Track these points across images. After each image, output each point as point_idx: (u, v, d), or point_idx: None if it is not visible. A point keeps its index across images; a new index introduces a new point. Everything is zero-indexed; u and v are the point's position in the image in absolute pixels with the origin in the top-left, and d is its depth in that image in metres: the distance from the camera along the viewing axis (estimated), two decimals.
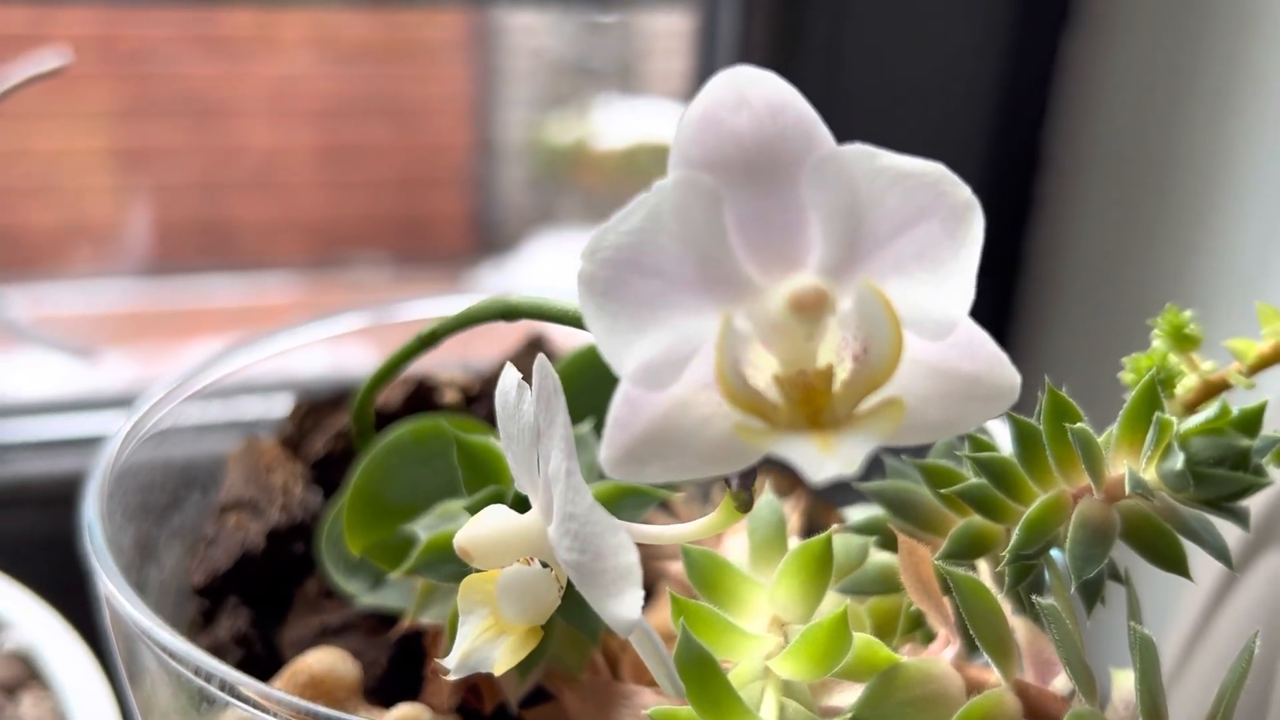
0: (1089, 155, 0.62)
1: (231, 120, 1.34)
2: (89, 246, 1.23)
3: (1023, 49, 0.61)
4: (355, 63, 1.30)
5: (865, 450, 0.20)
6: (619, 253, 0.21)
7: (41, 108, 1.22)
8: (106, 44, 1.24)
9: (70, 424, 0.60)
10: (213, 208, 1.35)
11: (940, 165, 0.22)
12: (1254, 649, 0.25)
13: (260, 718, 0.28)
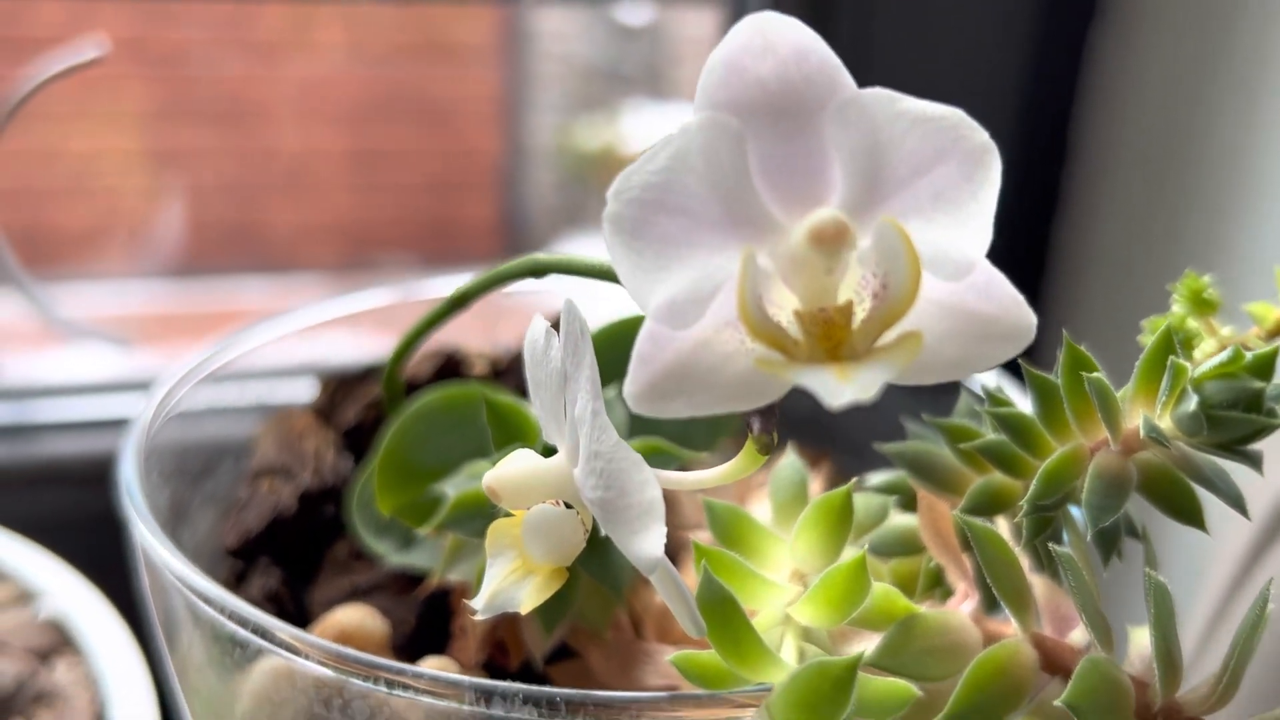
0: (1116, 148, 0.63)
1: (263, 123, 1.36)
2: (121, 247, 1.24)
3: (1049, 42, 0.62)
4: (386, 66, 1.32)
5: (882, 379, 0.21)
6: (645, 192, 0.22)
7: (77, 109, 1.24)
8: (141, 46, 1.26)
9: (104, 406, 0.61)
10: (244, 209, 1.36)
11: (960, 110, 0.23)
12: (1267, 599, 0.26)
13: (293, 662, 0.29)
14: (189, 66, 1.31)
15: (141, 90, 1.28)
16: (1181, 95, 0.60)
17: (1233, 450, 0.24)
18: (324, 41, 1.34)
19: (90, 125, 1.27)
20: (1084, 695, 0.25)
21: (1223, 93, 0.57)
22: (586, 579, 0.33)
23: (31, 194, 1.28)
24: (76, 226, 1.29)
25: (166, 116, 1.30)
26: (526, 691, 0.28)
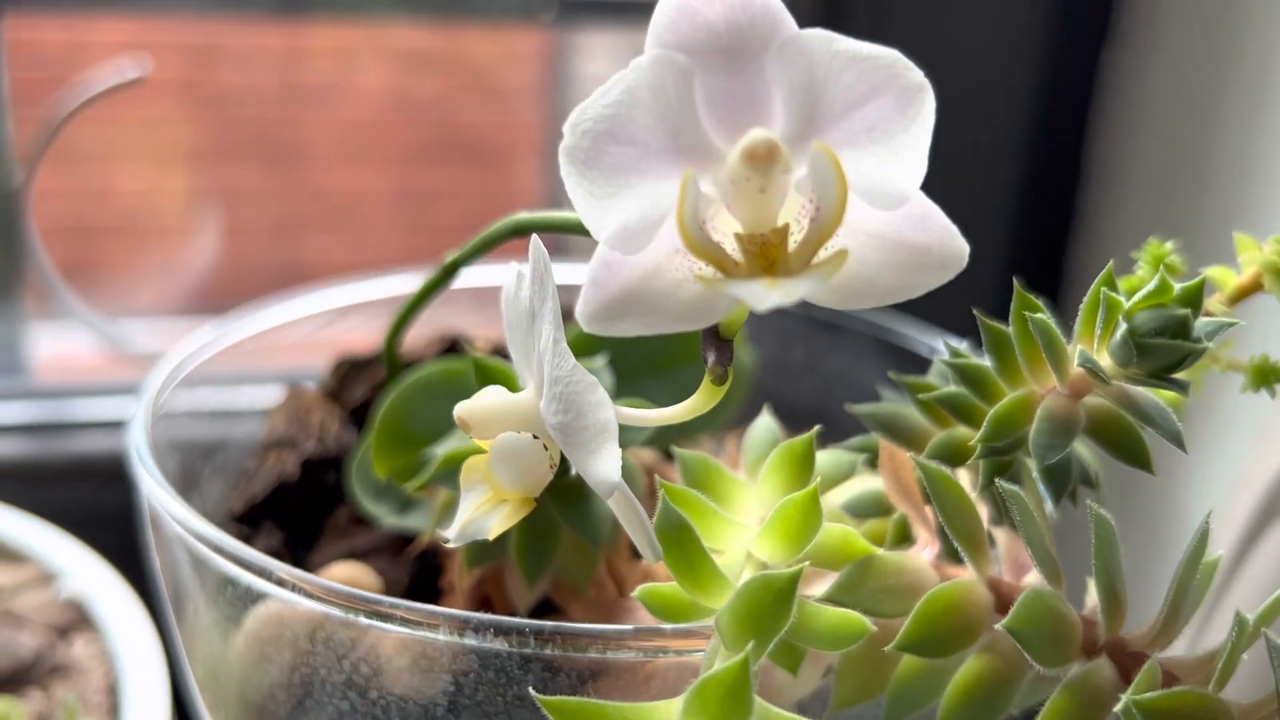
0: (1129, 165, 0.64)
1: (309, 164, 1.40)
2: (168, 284, 1.28)
3: (1063, 62, 0.63)
4: (431, 108, 1.35)
5: (806, 290, 0.22)
6: (598, 124, 0.24)
7: (128, 149, 1.28)
8: (192, 88, 1.31)
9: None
10: (289, 249, 1.40)
11: (895, 51, 0.24)
12: (1207, 531, 0.27)
13: (283, 598, 0.31)
14: (238, 108, 1.35)
15: (191, 131, 1.32)
16: (1194, 114, 0.61)
17: (1164, 379, 0.25)
18: (369, 84, 1.38)
19: (141, 165, 1.31)
20: (1024, 622, 0.26)
21: (1234, 111, 0.59)
22: (568, 535, 0.35)
23: (83, 231, 1.32)
24: (125, 263, 1.33)
25: (215, 156, 1.34)
26: (497, 623, 0.29)
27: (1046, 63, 0.63)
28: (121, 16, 0.98)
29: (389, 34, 1.23)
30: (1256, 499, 0.44)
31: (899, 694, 0.30)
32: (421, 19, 0.71)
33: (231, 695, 0.35)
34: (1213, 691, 0.26)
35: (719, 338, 0.27)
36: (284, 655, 0.32)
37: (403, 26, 1.05)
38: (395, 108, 1.35)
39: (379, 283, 0.47)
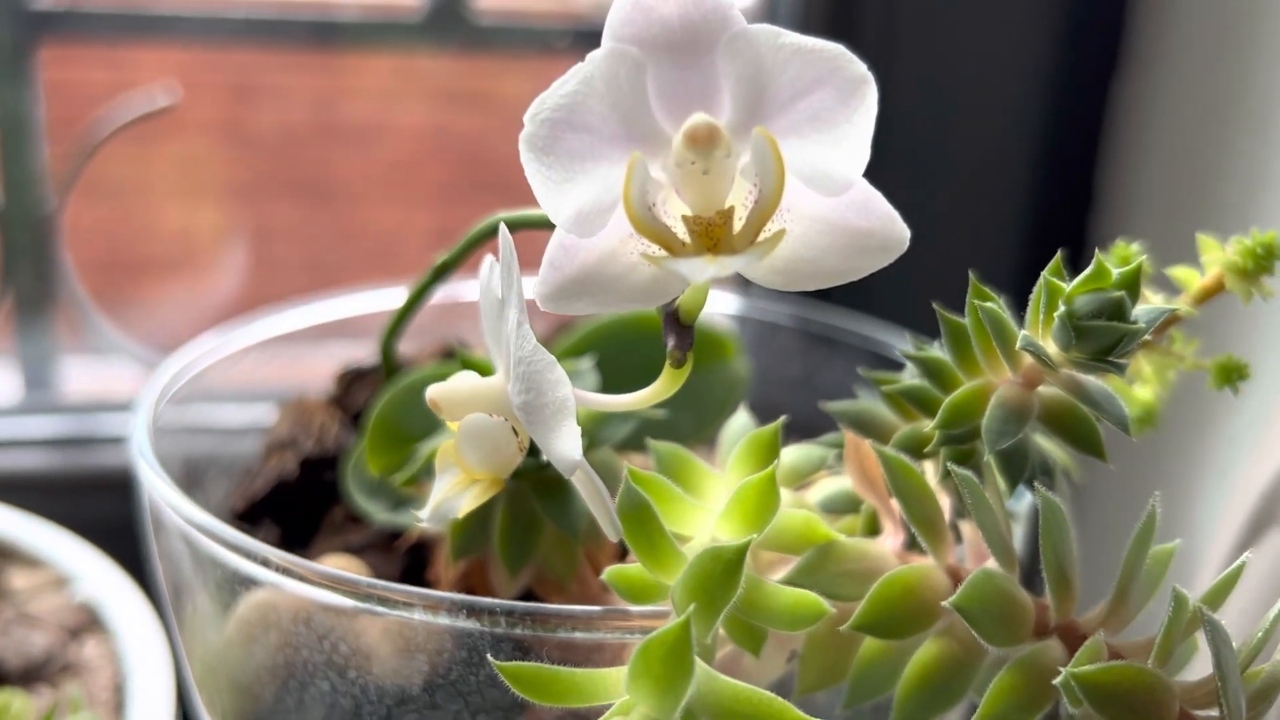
0: (1139, 192, 0.65)
1: (350, 202, 1.43)
2: (200, 317, 1.31)
3: (1072, 88, 0.64)
4: (471, 148, 1.38)
5: (742, 264, 0.24)
6: (555, 113, 0.26)
7: (165, 187, 1.32)
8: (235, 127, 1.34)
9: None
10: (324, 285, 1.42)
11: (840, 45, 0.26)
12: (1154, 513, 0.28)
13: (279, 584, 0.32)
14: (275, 146, 1.38)
15: (229, 169, 1.35)
16: (1201, 142, 0.62)
17: (1104, 361, 0.26)
18: (407, 123, 1.41)
19: (179, 202, 1.34)
20: (972, 600, 0.27)
21: (1241, 139, 0.60)
22: (551, 529, 0.36)
23: (121, 267, 1.36)
24: (160, 298, 1.36)
25: (251, 194, 1.38)
26: (470, 603, 0.31)
27: (1055, 91, 0.64)
28: (160, 51, 1.01)
29: (426, 73, 1.26)
30: (1254, 501, 0.44)
31: (860, 678, 0.31)
32: (446, 50, 0.73)
33: (223, 683, 0.36)
34: (1153, 668, 0.26)
35: (679, 323, 0.29)
36: (270, 639, 0.34)
37: (425, 57, 1.07)
38: (432, 146, 1.38)
39: (383, 294, 0.48)
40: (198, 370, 0.43)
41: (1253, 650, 0.27)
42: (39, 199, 0.69)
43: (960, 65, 0.63)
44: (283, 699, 0.34)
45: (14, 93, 0.67)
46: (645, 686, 0.25)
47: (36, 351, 0.68)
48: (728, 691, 0.26)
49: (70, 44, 0.70)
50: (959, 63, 0.63)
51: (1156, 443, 0.60)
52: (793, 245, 0.26)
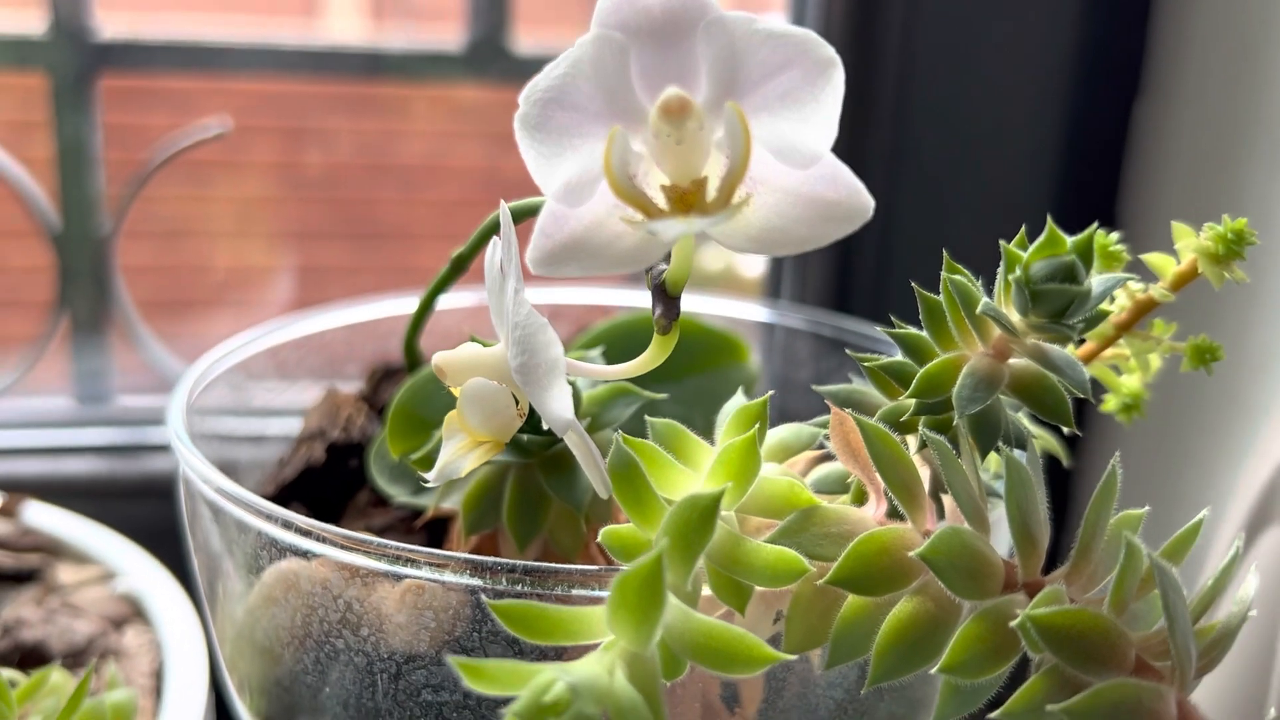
0: (1159, 216, 0.67)
1: (403, 243, 1.47)
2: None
3: (1092, 115, 0.66)
4: (519, 189, 1.42)
5: (708, 224, 0.26)
6: (546, 93, 0.28)
7: (226, 227, 1.36)
8: (291, 170, 1.39)
9: None
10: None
11: (810, 30, 0.28)
12: (1114, 470, 0.30)
13: (305, 545, 0.35)
14: (329, 188, 1.42)
15: (283, 210, 1.40)
16: (1219, 166, 0.64)
17: (1059, 324, 0.29)
18: (460, 166, 1.45)
19: (236, 242, 1.39)
20: (939, 552, 0.29)
21: (1256, 161, 0.61)
22: (557, 505, 0.38)
23: (180, 305, 1.40)
24: (213, 332, 1.40)
25: (308, 234, 1.42)
26: (473, 561, 0.33)
27: (1075, 115, 0.66)
28: (214, 95, 1.06)
29: (475, 115, 1.30)
30: (1256, 494, 0.46)
31: (840, 638, 0.32)
32: (486, 82, 0.77)
33: (247, 648, 0.39)
34: (1108, 614, 0.28)
35: (666, 294, 0.31)
36: (291, 600, 0.36)
37: (472, 97, 1.11)
38: (481, 187, 1.42)
39: (407, 300, 0.51)
40: (234, 361, 0.46)
41: (1204, 600, 0.29)
42: (95, 223, 0.72)
43: (980, 91, 0.66)
44: (300, 659, 0.36)
45: (75, 120, 0.71)
46: (623, 618, 0.27)
47: (90, 367, 0.72)
48: (703, 628, 0.28)
49: (129, 75, 0.74)
50: (978, 88, 0.66)
51: (1171, 442, 0.62)
52: (765, 215, 0.28)
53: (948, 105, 0.65)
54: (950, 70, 0.65)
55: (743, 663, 0.28)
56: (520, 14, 0.75)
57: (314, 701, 0.36)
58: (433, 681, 0.35)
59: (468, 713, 0.34)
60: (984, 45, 0.65)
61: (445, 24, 0.92)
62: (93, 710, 0.42)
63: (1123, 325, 0.36)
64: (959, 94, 0.65)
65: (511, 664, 0.26)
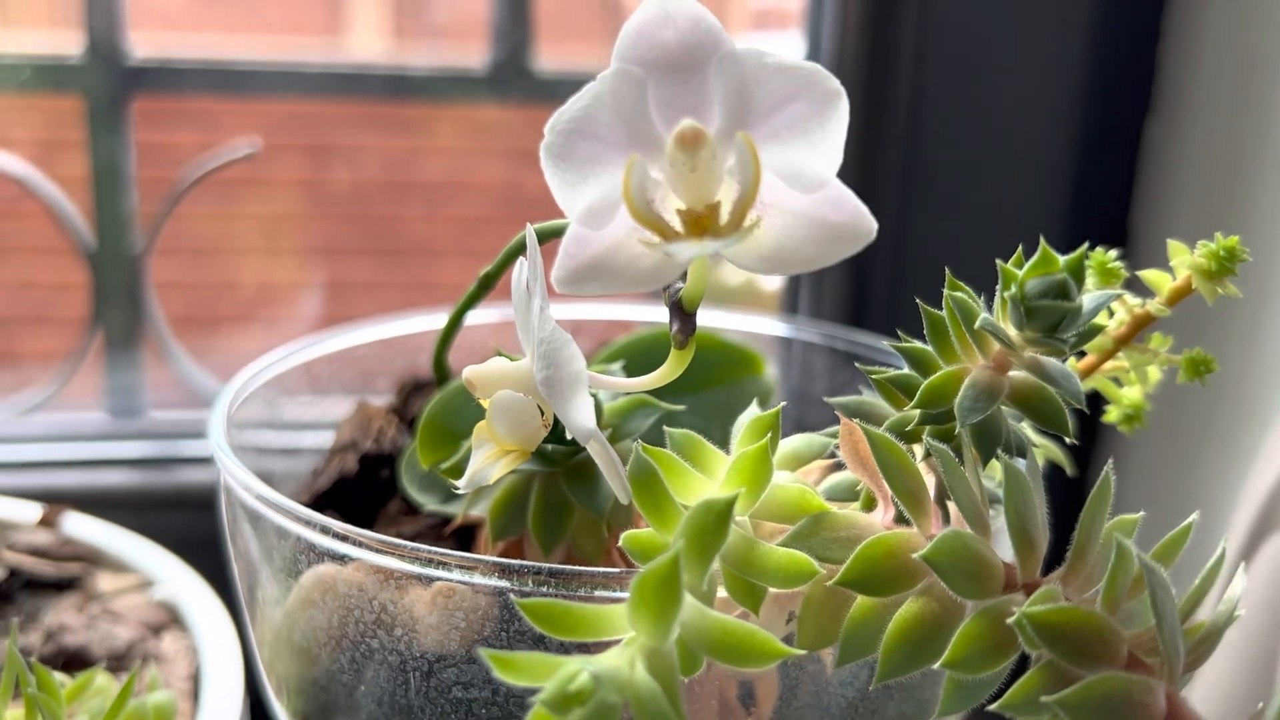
0: (1170, 235, 0.69)
1: (425, 259, 1.49)
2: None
3: (1103, 133, 0.68)
4: (541, 206, 1.44)
5: (720, 246, 0.28)
6: (569, 124, 0.31)
7: (254, 244, 1.39)
8: (316, 187, 1.42)
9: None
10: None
11: (816, 64, 0.31)
12: (1110, 477, 0.32)
13: (341, 550, 0.37)
14: (353, 205, 1.45)
15: (308, 227, 1.42)
16: (1228, 181, 0.66)
17: (1053, 338, 0.31)
18: (482, 182, 1.47)
19: (263, 259, 1.41)
20: (941, 554, 0.31)
21: (1264, 176, 0.63)
22: (581, 513, 0.40)
23: (210, 321, 1.43)
24: (246, 351, 1.43)
25: (333, 251, 1.45)
26: (501, 564, 0.35)
27: (1087, 134, 0.68)
28: (242, 115, 1.09)
29: (496, 132, 1.32)
30: (1259, 502, 0.48)
31: (850, 637, 0.34)
32: (508, 103, 0.79)
33: (285, 650, 0.41)
34: (1100, 611, 0.30)
35: (683, 311, 0.33)
36: (328, 602, 0.39)
37: (494, 115, 1.14)
38: (504, 204, 1.44)
39: (436, 316, 0.54)
40: (270, 376, 0.48)
41: (1192, 599, 0.31)
42: (129, 241, 0.75)
43: (991, 112, 0.68)
44: (337, 659, 0.38)
45: (109, 141, 0.74)
46: (642, 615, 0.29)
47: (124, 382, 0.75)
48: (719, 625, 0.30)
49: (161, 97, 0.76)
50: (990, 110, 0.68)
51: (1183, 452, 0.64)
52: (776, 236, 0.31)
53: (959, 127, 0.67)
54: (962, 92, 0.67)
55: (756, 657, 0.30)
56: (542, 34, 0.78)
57: (349, 700, 0.39)
58: (463, 679, 0.37)
59: (495, 709, 0.37)
60: (995, 68, 0.67)
61: (469, 44, 0.95)
62: (136, 711, 0.45)
63: (1121, 339, 0.38)
64: (970, 115, 0.67)
65: (539, 656, 0.28)
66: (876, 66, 0.67)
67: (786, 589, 0.34)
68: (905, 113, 0.67)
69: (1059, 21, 0.67)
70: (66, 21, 0.78)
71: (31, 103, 0.84)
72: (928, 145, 0.68)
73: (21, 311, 1.12)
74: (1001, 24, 0.66)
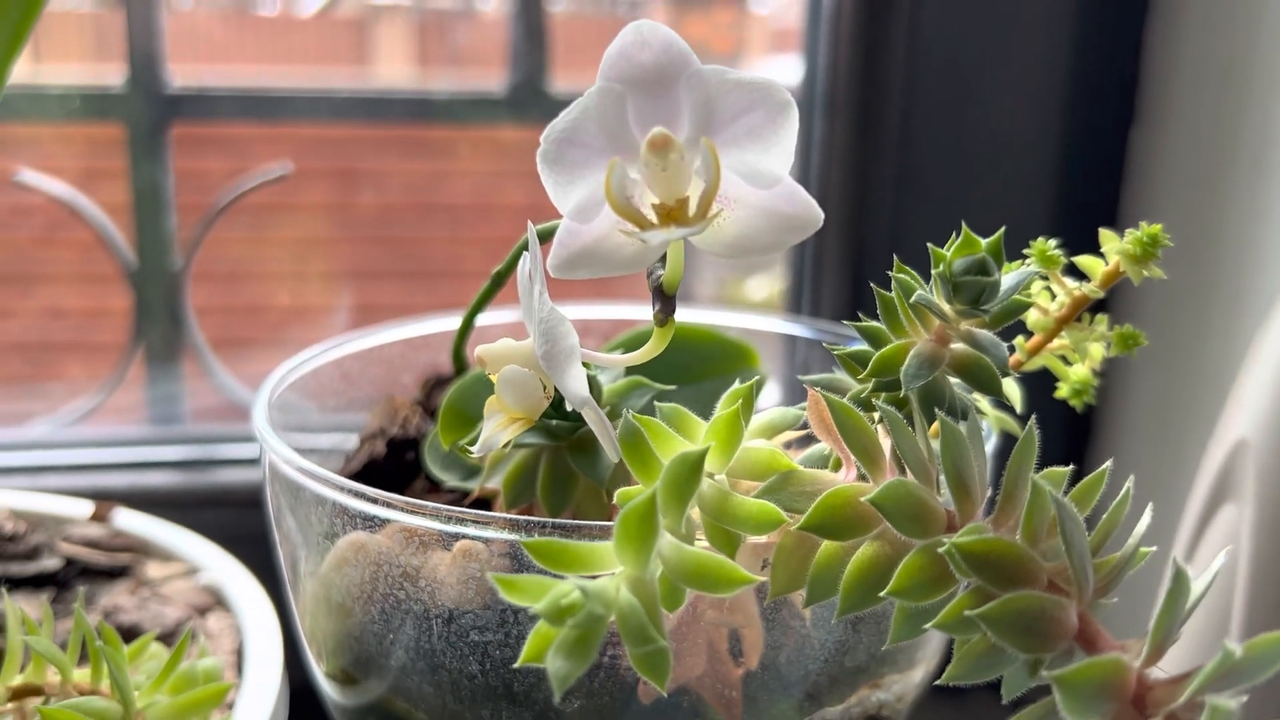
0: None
1: (451, 280, 1.57)
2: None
3: (1088, 141, 0.75)
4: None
5: (687, 233, 0.35)
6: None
7: (283, 269, 1.47)
8: (343, 211, 1.49)
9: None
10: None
11: (771, 78, 0.37)
12: (1033, 430, 0.38)
13: (374, 512, 0.44)
14: (387, 229, 1.52)
15: (343, 251, 1.50)
16: (1209, 188, 0.72)
17: (977, 310, 0.37)
18: (507, 204, 1.54)
19: (297, 283, 1.49)
20: (887, 499, 0.38)
21: (1243, 183, 0.69)
22: (584, 482, 0.47)
23: (242, 343, 1.50)
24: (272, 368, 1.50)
25: (364, 275, 1.52)
26: (510, 519, 0.42)
27: (1071, 142, 0.74)
28: (272, 142, 1.16)
29: (520, 155, 1.40)
30: (1212, 477, 0.54)
31: (816, 579, 0.41)
32: (526, 124, 0.86)
33: (322, 607, 0.48)
34: (1021, 543, 0.36)
35: (664, 294, 0.40)
36: (362, 559, 0.45)
37: (514, 136, 1.21)
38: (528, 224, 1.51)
39: (454, 317, 0.60)
40: (307, 370, 0.55)
41: (1101, 532, 0.37)
42: (169, 261, 0.82)
43: (980, 121, 0.74)
44: (369, 610, 0.45)
45: (149, 165, 0.81)
46: (625, 546, 0.35)
47: (168, 392, 0.82)
48: (694, 557, 0.37)
49: (198, 123, 0.84)
50: (979, 119, 0.74)
51: (1169, 437, 0.70)
52: (737, 226, 0.37)
53: (948, 137, 0.74)
54: (951, 103, 0.73)
55: (725, 583, 0.36)
56: (558, 59, 0.85)
57: (380, 647, 0.45)
58: (479, 624, 0.43)
59: (508, 649, 0.43)
60: (982, 82, 0.73)
61: (488, 69, 1.02)
62: (187, 672, 0.51)
63: (1063, 319, 0.45)
64: (960, 125, 0.74)
65: (538, 578, 0.34)
66: (869, 82, 0.73)
67: (758, 535, 0.40)
68: (897, 124, 0.73)
69: (1043, 37, 0.73)
70: (109, 55, 0.85)
71: (77, 131, 0.91)
72: (919, 155, 0.74)
73: (63, 336, 1.20)
74: (988, 41, 0.73)
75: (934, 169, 0.74)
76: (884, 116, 0.73)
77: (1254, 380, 0.50)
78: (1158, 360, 0.73)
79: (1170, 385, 0.72)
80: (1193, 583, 0.35)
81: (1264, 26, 0.67)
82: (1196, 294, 0.72)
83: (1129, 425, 0.77)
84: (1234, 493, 0.52)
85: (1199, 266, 0.72)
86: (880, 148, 0.74)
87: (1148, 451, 0.72)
